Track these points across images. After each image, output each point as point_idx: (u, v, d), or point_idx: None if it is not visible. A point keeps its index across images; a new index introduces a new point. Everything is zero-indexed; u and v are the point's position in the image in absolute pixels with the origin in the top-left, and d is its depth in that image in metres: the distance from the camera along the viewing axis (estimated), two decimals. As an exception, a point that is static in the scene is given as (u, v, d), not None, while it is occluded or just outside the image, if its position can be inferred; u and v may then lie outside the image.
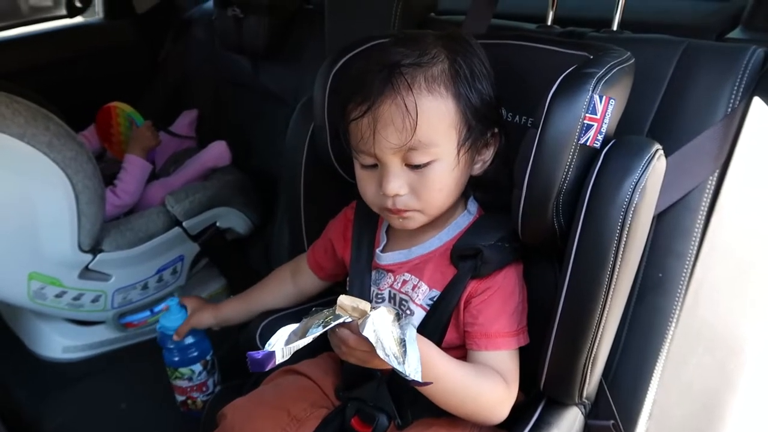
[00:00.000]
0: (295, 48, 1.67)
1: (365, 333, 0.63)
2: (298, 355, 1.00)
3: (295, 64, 1.65)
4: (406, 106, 0.72)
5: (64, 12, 2.02)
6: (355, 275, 0.90)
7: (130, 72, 2.10)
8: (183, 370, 1.20)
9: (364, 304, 0.66)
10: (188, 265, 1.59)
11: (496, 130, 0.81)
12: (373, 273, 0.90)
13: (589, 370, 0.79)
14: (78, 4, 1.99)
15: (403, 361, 0.63)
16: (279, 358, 0.63)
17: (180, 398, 1.25)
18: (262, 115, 1.80)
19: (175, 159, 1.82)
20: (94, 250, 1.37)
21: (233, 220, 1.64)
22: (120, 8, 2.11)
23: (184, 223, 1.52)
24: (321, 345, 0.91)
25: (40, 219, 1.26)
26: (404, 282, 0.86)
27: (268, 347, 0.63)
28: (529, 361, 0.82)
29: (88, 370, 1.49)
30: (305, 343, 0.64)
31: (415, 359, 0.64)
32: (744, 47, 0.83)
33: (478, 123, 0.77)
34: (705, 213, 0.84)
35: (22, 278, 1.30)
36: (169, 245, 1.51)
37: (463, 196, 0.86)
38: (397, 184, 0.76)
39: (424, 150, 0.74)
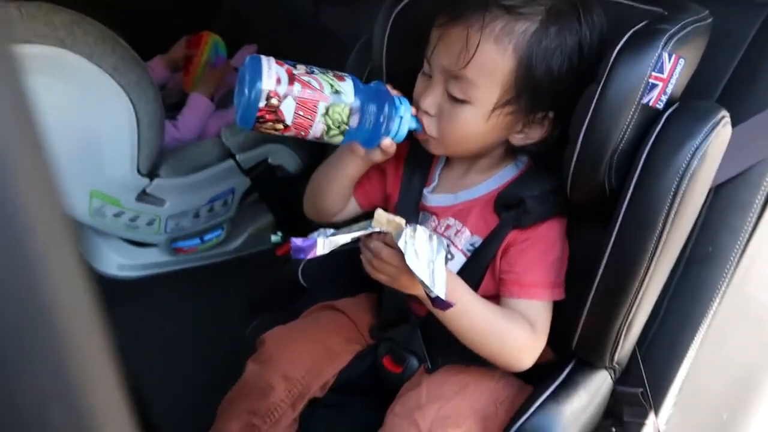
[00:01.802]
0: (359, -13, 1.64)
1: (399, 244, 0.66)
2: (338, 292, 1.04)
3: (357, 4, 1.63)
4: (468, 41, 0.72)
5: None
6: (401, 214, 0.90)
7: (192, 4, 2.12)
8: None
9: (399, 219, 0.69)
10: (239, 198, 1.63)
11: (551, 114, 0.78)
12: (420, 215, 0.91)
13: (623, 335, 0.79)
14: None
15: (432, 280, 0.65)
16: (320, 249, 0.67)
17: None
18: (320, 54, 1.78)
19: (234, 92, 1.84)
20: (152, 174, 1.42)
21: (285, 157, 1.66)
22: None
23: (237, 156, 1.55)
24: (361, 283, 0.94)
25: (103, 139, 1.31)
26: (448, 227, 0.86)
27: (310, 237, 0.67)
28: (563, 319, 0.82)
29: (139, 289, 1.57)
30: (345, 241, 0.68)
31: (442, 280, 0.66)
32: (836, 15, 0.78)
33: (530, 97, 0.75)
34: (767, 189, 0.80)
35: (85, 195, 1.37)
36: (221, 176, 1.55)
37: (512, 152, 0.85)
38: (430, 102, 0.78)
39: (464, 86, 0.75)
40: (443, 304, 0.67)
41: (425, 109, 0.78)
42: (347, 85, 0.75)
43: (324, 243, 0.67)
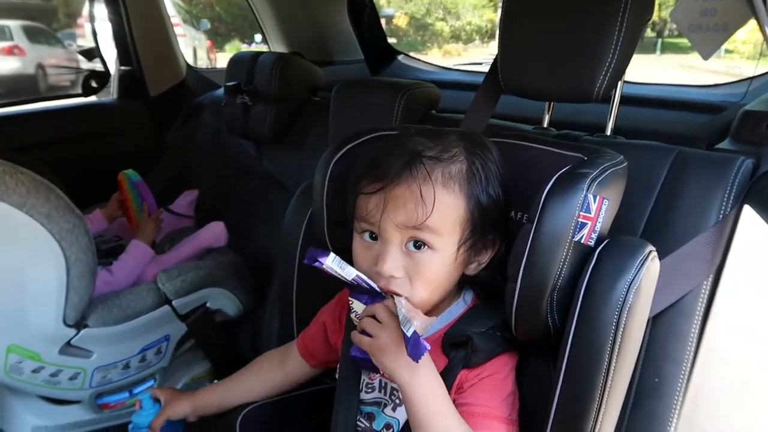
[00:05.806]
0: (299, 135, 1.72)
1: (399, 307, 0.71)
2: None
3: (297, 151, 1.70)
4: (421, 194, 0.74)
5: (79, 91, 2.10)
6: (346, 361, 0.88)
7: (139, 150, 2.16)
8: None
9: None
10: (173, 346, 1.55)
11: (498, 234, 0.82)
12: None
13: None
14: (93, 85, 2.06)
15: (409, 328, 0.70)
16: (328, 261, 0.73)
17: None
18: (262, 198, 1.83)
19: (171, 237, 1.82)
20: (79, 324, 1.34)
21: (224, 301, 1.62)
22: (134, 90, 2.19)
23: (173, 302, 1.50)
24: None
25: (28, 289, 1.24)
26: None
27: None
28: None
29: (55, 454, 1.41)
30: (351, 272, 0.74)
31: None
32: (733, 157, 0.86)
33: (484, 224, 0.78)
34: (701, 318, 0.83)
35: (1, 351, 1.26)
36: (155, 324, 1.47)
37: (459, 287, 0.86)
38: (394, 265, 0.76)
39: (427, 235, 0.76)
40: (418, 348, 0.68)
41: (391, 274, 0.76)
42: None
43: (334, 259, 0.73)
